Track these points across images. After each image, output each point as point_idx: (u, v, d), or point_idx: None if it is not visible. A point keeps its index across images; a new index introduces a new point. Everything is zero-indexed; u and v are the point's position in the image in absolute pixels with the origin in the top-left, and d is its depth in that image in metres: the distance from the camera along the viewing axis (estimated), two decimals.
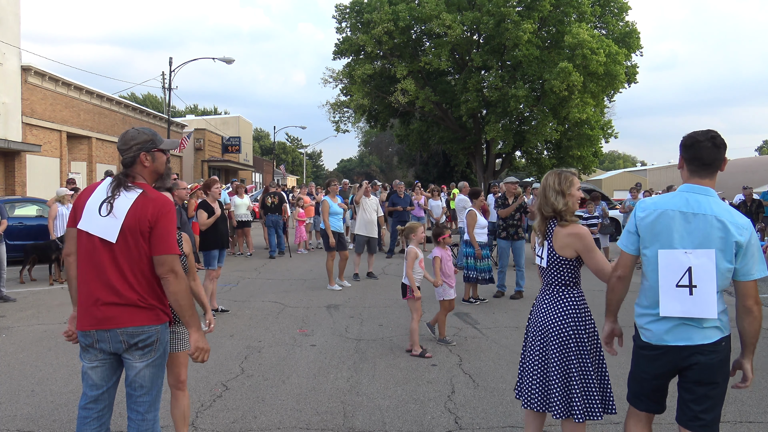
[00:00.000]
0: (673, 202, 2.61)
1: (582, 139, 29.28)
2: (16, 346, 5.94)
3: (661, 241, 2.58)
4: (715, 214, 2.52)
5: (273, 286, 9.62)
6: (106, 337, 2.61)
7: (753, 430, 3.95)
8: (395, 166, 60.82)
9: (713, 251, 2.49)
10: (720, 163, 2.64)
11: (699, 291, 2.51)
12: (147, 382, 2.68)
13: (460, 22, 27.70)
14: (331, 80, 34.39)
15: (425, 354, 5.57)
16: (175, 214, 2.74)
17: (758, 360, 5.54)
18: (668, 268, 2.55)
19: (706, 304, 2.50)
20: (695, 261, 2.51)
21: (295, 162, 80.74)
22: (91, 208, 2.67)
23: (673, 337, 2.57)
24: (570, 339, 3.00)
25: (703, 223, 2.52)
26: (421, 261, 5.85)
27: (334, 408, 4.31)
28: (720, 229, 2.50)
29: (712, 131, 2.64)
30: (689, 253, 2.52)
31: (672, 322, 2.57)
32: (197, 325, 2.74)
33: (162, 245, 2.63)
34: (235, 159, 42.52)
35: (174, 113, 33.21)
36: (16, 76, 19.67)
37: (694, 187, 2.61)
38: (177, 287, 2.65)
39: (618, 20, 29.95)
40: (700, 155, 2.61)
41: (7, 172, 19.65)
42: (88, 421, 2.69)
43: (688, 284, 2.52)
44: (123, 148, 2.77)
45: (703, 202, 2.56)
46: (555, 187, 3.14)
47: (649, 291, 2.65)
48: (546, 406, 3.03)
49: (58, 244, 9.59)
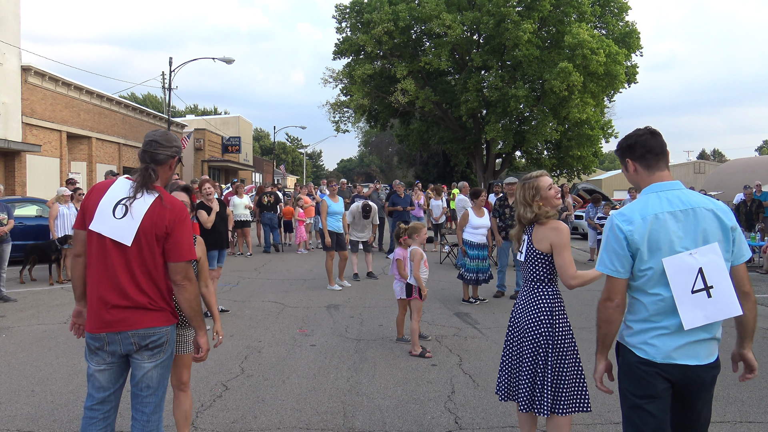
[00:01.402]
0: (655, 204, 2.36)
1: (582, 139, 29.31)
2: (16, 346, 5.93)
3: (662, 249, 2.31)
4: (702, 206, 2.34)
5: (273, 286, 9.63)
6: (116, 339, 2.61)
7: (753, 430, 3.95)
8: (395, 166, 60.84)
9: (716, 244, 2.30)
10: (668, 152, 2.49)
11: (717, 291, 2.29)
12: (154, 383, 2.69)
13: (460, 22, 27.71)
14: (331, 80, 34.45)
15: (425, 354, 5.57)
16: (190, 220, 2.76)
17: (758, 360, 5.54)
18: (678, 275, 2.30)
19: (729, 302, 2.31)
20: (703, 260, 2.29)
21: (295, 162, 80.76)
22: (104, 209, 2.63)
23: (682, 355, 2.33)
24: (542, 336, 3.09)
25: (694, 217, 2.32)
26: (426, 261, 5.87)
27: (334, 408, 4.31)
28: (714, 219, 2.32)
29: (644, 127, 2.54)
30: (694, 253, 2.29)
31: (686, 338, 2.32)
32: (205, 329, 2.83)
33: (178, 252, 2.64)
34: (235, 159, 42.53)
35: (174, 113, 33.20)
36: (16, 76, 19.67)
37: (663, 185, 2.41)
38: (190, 294, 2.69)
39: (618, 20, 29.98)
40: (648, 147, 2.44)
41: (7, 172, 19.66)
42: (94, 422, 2.69)
43: (703, 287, 2.29)
44: (163, 144, 2.76)
45: (683, 197, 2.36)
46: (521, 201, 3.30)
47: (655, 305, 2.36)
48: (514, 397, 3.20)
49: (57, 245, 9.58)
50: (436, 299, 8.35)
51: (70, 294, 8.85)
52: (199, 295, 2.76)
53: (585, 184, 22.89)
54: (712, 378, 2.40)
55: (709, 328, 2.35)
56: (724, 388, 4.72)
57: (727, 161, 42.47)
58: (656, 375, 2.34)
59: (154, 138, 2.77)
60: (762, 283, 10.04)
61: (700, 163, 46.12)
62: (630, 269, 2.37)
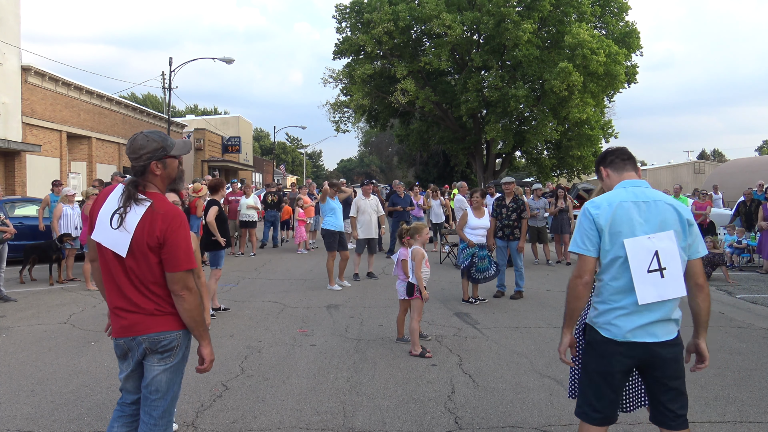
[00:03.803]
0: (621, 195, 2.67)
1: (582, 139, 29.30)
2: (16, 346, 5.93)
3: (624, 232, 2.60)
4: (663, 200, 2.65)
5: (273, 286, 9.63)
6: (133, 344, 2.64)
7: (753, 430, 3.95)
8: (395, 166, 60.81)
9: (672, 232, 2.59)
10: (634, 158, 2.82)
11: (669, 273, 2.58)
12: (163, 387, 2.67)
13: (460, 22, 27.71)
14: (331, 80, 34.43)
15: (425, 354, 5.57)
16: (187, 226, 2.66)
17: (758, 360, 5.55)
18: (637, 255, 2.58)
19: (678, 284, 2.59)
20: (660, 244, 2.58)
21: (295, 162, 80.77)
22: (103, 219, 2.62)
23: (639, 335, 2.59)
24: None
25: (655, 208, 2.62)
26: (427, 261, 5.89)
27: (334, 408, 4.31)
28: (673, 212, 2.63)
29: None
30: (652, 237, 2.58)
31: (644, 319, 2.58)
32: (209, 338, 2.74)
33: (174, 262, 2.56)
34: (235, 159, 42.53)
35: (174, 113, 33.21)
36: (16, 76, 19.68)
37: (631, 182, 2.73)
38: (190, 305, 2.60)
39: (618, 20, 29.96)
40: (616, 154, 2.84)
41: (7, 172, 19.66)
42: (122, 416, 2.79)
43: (658, 268, 2.57)
44: (133, 157, 2.67)
45: (648, 192, 2.68)
46: None
47: (615, 286, 2.64)
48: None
49: (57, 245, 9.58)
50: (436, 299, 8.35)
51: (70, 294, 8.86)
52: (200, 305, 2.67)
53: (585, 184, 22.84)
54: (673, 354, 2.61)
55: (664, 309, 2.60)
56: (724, 388, 4.72)
57: (727, 161, 42.45)
58: (618, 354, 2.60)
59: (128, 147, 2.70)
60: (762, 283, 10.04)
61: (700, 163, 46.07)
62: (598, 250, 2.65)
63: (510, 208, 8.68)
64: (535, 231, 12.58)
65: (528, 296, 8.64)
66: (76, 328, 6.65)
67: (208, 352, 2.72)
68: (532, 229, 12.37)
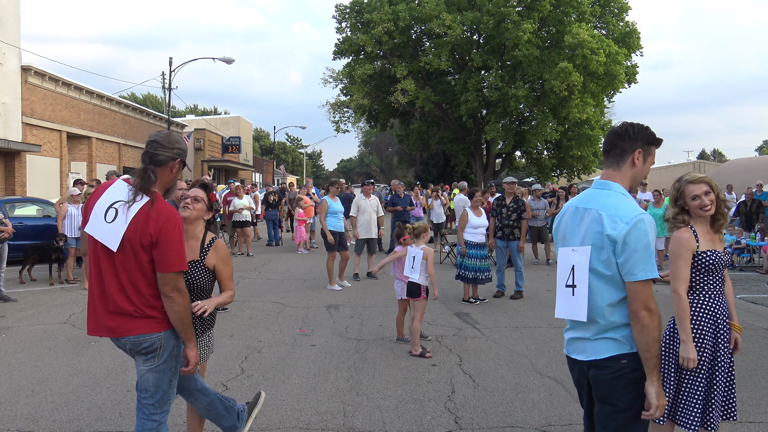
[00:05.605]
0: (576, 198, 2.49)
1: (582, 139, 29.32)
2: (16, 346, 5.93)
3: (559, 240, 2.47)
4: (598, 208, 2.29)
5: (273, 286, 9.63)
6: (120, 344, 2.70)
7: (753, 430, 3.95)
8: (395, 166, 60.82)
9: (589, 248, 2.27)
10: (620, 151, 2.36)
11: (578, 291, 2.30)
12: (151, 386, 2.69)
13: (460, 22, 27.71)
14: (331, 80, 34.44)
15: (425, 354, 5.57)
16: (182, 228, 2.65)
17: (758, 360, 5.54)
18: (561, 266, 2.41)
19: (581, 306, 2.28)
20: (577, 259, 2.31)
21: (295, 162, 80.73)
22: (98, 212, 2.61)
23: (571, 349, 2.43)
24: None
25: (588, 217, 2.31)
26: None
27: (334, 408, 4.31)
28: (597, 225, 2.26)
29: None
30: (575, 250, 2.34)
31: (570, 334, 2.43)
32: (195, 341, 2.78)
33: (165, 263, 2.54)
34: (235, 159, 42.51)
35: (174, 113, 33.20)
36: (16, 76, 19.66)
37: (596, 182, 2.45)
38: (179, 306, 2.60)
39: (618, 20, 29.97)
40: (603, 145, 2.49)
41: (7, 172, 19.65)
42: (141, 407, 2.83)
43: (572, 284, 2.33)
44: (163, 145, 2.67)
45: (595, 195, 2.37)
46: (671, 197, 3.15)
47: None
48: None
49: (57, 245, 9.58)
50: (436, 299, 8.35)
51: (70, 294, 8.86)
52: (189, 307, 2.68)
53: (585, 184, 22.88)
54: (605, 376, 2.25)
55: (585, 328, 2.32)
56: None
57: (727, 161, 42.45)
58: (572, 366, 2.47)
59: (155, 138, 2.70)
60: (762, 283, 10.04)
61: (700, 163, 46.04)
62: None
63: (510, 208, 8.68)
64: (535, 231, 12.59)
65: (528, 296, 8.65)
66: (76, 328, 6.65)
67: (193, 355, 2.76)
68: (533, 229, 12.38)
